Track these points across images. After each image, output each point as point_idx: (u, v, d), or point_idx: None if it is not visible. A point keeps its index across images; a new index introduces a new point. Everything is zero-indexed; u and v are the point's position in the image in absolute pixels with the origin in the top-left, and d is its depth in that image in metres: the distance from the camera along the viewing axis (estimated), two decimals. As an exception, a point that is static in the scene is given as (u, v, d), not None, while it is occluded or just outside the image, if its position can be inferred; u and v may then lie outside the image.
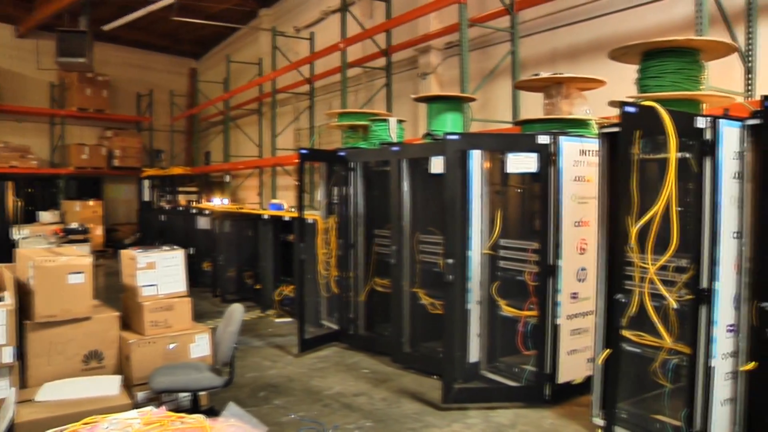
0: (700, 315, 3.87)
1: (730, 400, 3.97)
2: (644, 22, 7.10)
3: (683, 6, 6.44)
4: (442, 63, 10.22)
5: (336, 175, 7.50)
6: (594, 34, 7.72)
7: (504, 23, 8.42)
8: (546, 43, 8.45)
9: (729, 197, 3.83)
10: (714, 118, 3.84)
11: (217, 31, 16.80)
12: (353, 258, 7.09)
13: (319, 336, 7.22)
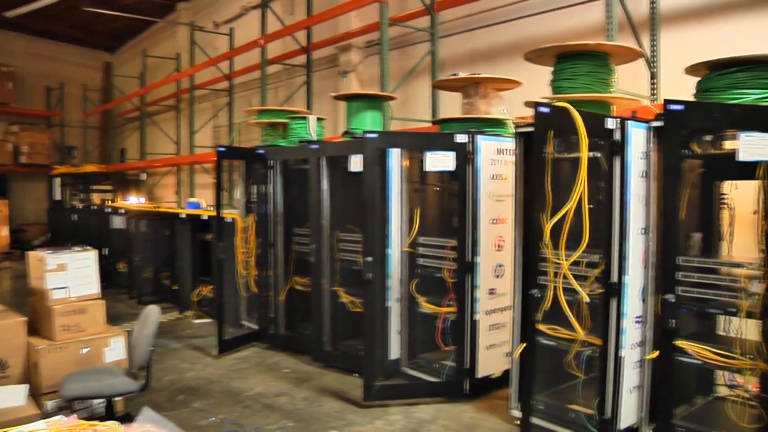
0: (610, 308, 4.03)
1: (638, 388, 4.16)
2: (559, 26, 7.33)
3: (595, 12, 6.68)
4: (363, 61, 10.25)
5: (255, 173, 7.39)
6: (512, 36, 7.91)
7: (424, 23, 8.51)
8: (465, 44, 8.59)
9: (636, 195, 4.01)
10: (623, 120, 4.01)
11: (133, 23, 16.26)
12: (273, 257, 7.01)
13: (238, 336, 7.11)
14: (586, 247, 3.96)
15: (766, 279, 3.58)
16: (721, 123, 3.79)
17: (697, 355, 3.86)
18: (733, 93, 3.81)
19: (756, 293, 3.66)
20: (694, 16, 6.52)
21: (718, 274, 3.94)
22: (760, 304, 3.63)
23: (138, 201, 12.76)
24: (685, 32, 6.48)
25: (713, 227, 4.56)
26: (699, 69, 4.04)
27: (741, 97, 3.77)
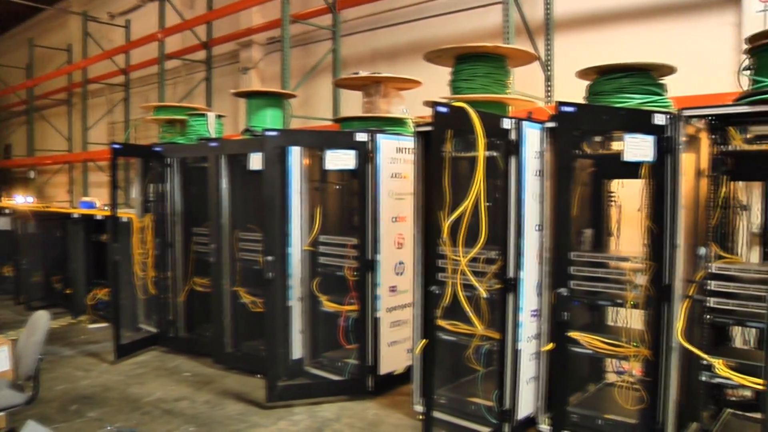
0: (507, 302, 4.16)
1: (534, 379, 4.33)
2: (459, 28, 7.49)
3: (494, 16, 6.87)
4: (264, 58, 10.12)
5: (152, 171, 7.14)
6: (413, 37, 8.02)
7: (326, 21, 8.50)
8: (367, 43, 8.64)
9: (531, 193, 4.16)
10: (518, 120, 4.14)
11: (17, 9, 15.26)
12: (171, 257, 6.79)
13: (136, 340, 6.85)
14: (483, 243, 4.06)
15: (649, 271, 3.80)
16: (608, 125, 4.00)
17: (588, 345, 4.06)
18: (619, 97, 4.02)
19: (640, 285, 3.88)
20: (586, 24, 6.85)
21: (607, 267, 4.15)
22: (644, 295, 3.85)
23: (26, 200, 12.04)
24: (578, 38, 6.79)
25: (603, 223, 4.80)
26: (589, 73, 4.23)
27: (626, 101, 3.98)
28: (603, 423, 4.17)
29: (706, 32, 6.20)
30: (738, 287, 3.74)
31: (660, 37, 6.35)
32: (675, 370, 3.76)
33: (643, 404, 3.88)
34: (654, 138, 3.68)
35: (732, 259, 4.09)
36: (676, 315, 3.72)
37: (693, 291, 3.83)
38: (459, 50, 4.57)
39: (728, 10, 6.12)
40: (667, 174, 3.69)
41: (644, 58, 4.03)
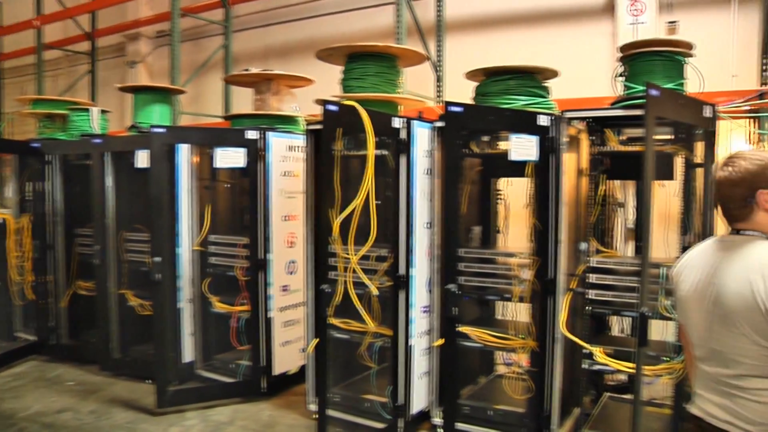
0: (399, 299, 4.21)
1: (426, 373, 4.40)
2: (353, 27, 7.51)
3: (386, 16, 6.93)
4: (153, 52, 9.76)
5: (30, 168, 6.70)
6: (306, 34, 7.97)
7: (218, 16, 8.30)
8: (260, 40, 8.51)
9: (421, 191, 4.23)
10: (408, 120, 4.20)
11: None
12: (52, 260, 6.41)
13: (13, 350, 6.40)
14: (374, 241, 4.09)
15: (534, 266, 3.95)
16: (495, 125, 4.12)
17: (478, 339, 4.17)
18: (505, 98, 4.16)
19: (526, 279, 4.03)
20: (476, 27, 7.05)
21: (495, 263, 4.29)
22: (530, 289, 4.00)
23: None
24: (468, 40, 6.97)
25: (491, 221, 4.95)
26: (477, 75, 4.34)
27: (512, 102, 4.13)
28: (493, 413, 4.31)
29: (587, 40, 6.55)
30: (615, 279, 3.97)
31: (545, 42, 6.64)
32: (559, 359, 3.93)
33: (531, 393, 4.03)
34: (538, 138, 3.82)
35: (610, 253, 4.32)
36: (559, 307, 3.89)
37: (575, 284, 4.02)
38: (350, 49, 4.58)
39: (605, 21, 6.51)
40: (550, 173, 3.84)
41: (530, 61, 4.19)
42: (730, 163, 2.06)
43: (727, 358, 2.04)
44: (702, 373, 2.17)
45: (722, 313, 2.03)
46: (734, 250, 2.07)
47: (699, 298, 2.13)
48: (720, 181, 2.08)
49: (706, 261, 2.15)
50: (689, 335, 2.25)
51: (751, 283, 1.94)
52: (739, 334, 1.98)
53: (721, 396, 2.07)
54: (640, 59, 4.02)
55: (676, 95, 3.74)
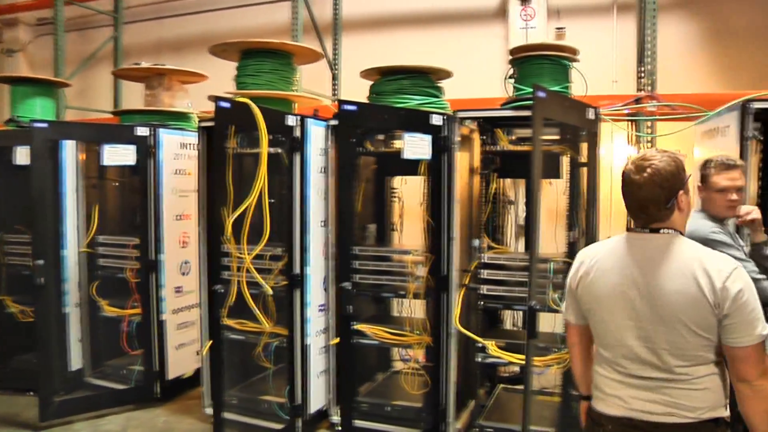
0: (294, 298, 4.17)
1: (324, 372, 4.39)
2: (249, 23, 7.39)
3: (283, 13, 6.87)
4: (34, 41, 9.20)
5: None
6: (201, 29, 7.77)
7: (107, 5, 7.96)
8: (152, 32, 8.22)
9: (316, 190, 4.21)
10: (303, 118, 4.16)
11: None
12: None
13: None
14: (269, 240, 4.03)
15: (428, 263, 4.02)
16: (389, 124, 4.16)
17: (374, 336, 4.20)
18: (399, 97, 4.21)
19: (421, 276, 4.09)
20: (373, 26, 7.10)
21: (390, 261, 4.33)
22: (424, 286, 4.07)
23: None
24: (365, 39, 7.02)
25: (386, 218, 4.99)
26: (372, 74, 4.37)
27: (406, 102, 4.18)
28: (391, 409, 4.36)
29: (481, 42, 6.74)
30: (506, 275, 4.10)
31: (440, 43, 6.78)
32: (454, 354, 4.02)
33: (427, 388, 4.10)
34: (431, 137, 3.89)
35: (501, 250, 4.46)
36: (453, 303, 3.98)
37: (468, 280, 4.12)
38: (245, 45, 4.49)
39: (498, 24, 6.73)
40: (443, 171, 3.92)
41: (425, 62, 4.26)
42: (647, 166, 2.04)
43: (663, 353, 2.02)
44: (618, 373, 2.12)
45: (661, 313, 2.01)
46: (659, 250, 2.06)
47: (620, 300, 2.08)
48: (640, 184, 2.05)
49: (623, 261, 2.10)
50: (600, 337, 2.18)
51: (696, 279, 1.97)
52: (681, 329, 1.99)
53: (652, 391, 2.04)
54: (529, 62, 4.16)
55: (562, 98, 3.90)
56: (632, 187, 2.07)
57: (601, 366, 2.19)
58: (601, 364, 2.19)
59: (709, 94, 5.08)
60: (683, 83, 5.81)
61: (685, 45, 6.58)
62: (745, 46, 5.56)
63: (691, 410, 2.02)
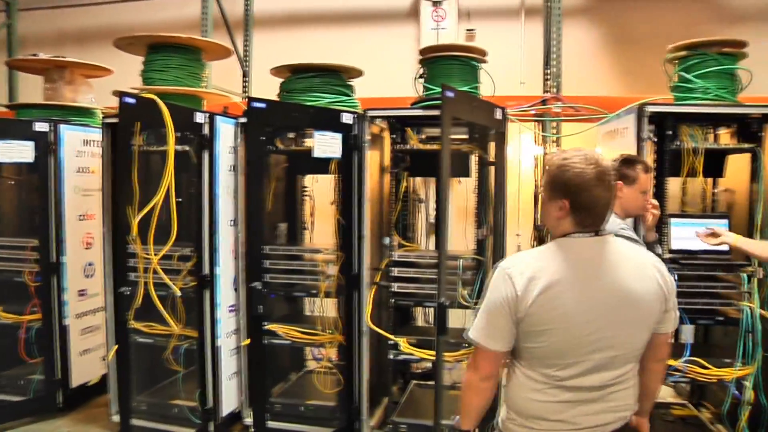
0: (204, 299, 4.09)
1: (236, 374, 4.34)
2: (158, 17, 7.19)
3: (193, 7, 6.71)
4: None
5: None
6: (106, 21, 7.49)
7: (-1, -10, 7.53)
8: (52, 22, 7.85)
9: (225, 188, 4.14)
10: (212, 115, 4.09)
11: None
12: None
13: None
14: (177, 240, 3.93)
15: (339, 262, 4.03)
16: (299, 122, 4.14)
17: (286, 336, 4.18)
18: (310, 95, 4.20)
19: (332, 275, 4.10)
20: (285, 23, 7.05)
21: (302, 260, 4.32)
22: (336, 284, 4.08)
23: None
24: (277, 36, 6.95)
25: (297, 217, 4.97)
26: (283, 71, 4.34)
27: (317, 100, 4.17)
28: (305, 409, 4.36)
29: (393, 41, 6.83)
30: (417, 272, 4.16)
31: (353, 41, 6.81)
32: (366, 351, 4.05)
33: (341, 386, 4.13)
34: (342, 136, 3.91)
35: (412, 247, 4.52)
36: (365, 301, 4.01)
37: (379, 278, 4.15)
38: (152, 39, 4.37)
39: (410, 25, 6.83)
40: (353, 170, 3.94)
41: (338, 60, 4.27)
42: (603, 169, 1.95)
43: (620, 357, 1.99)
44: (569, 392, 1.98)
45: (631, 316, 1.97)
46: (615, 252, 2.01)
47: (590, 310, 1.93)
48: (603, 186, 1.95)
49: (587, 270, 1.97)
50: (555, 357, 1.97)
51: (654, 276, 2.00)
52: (643, 329, 2.01)
53: (602, 401, 1.99)
54: (438, 63, 4.24)
55: (471, 98, 3.99)
56: (593, 189, 1.94)
57: (544, 392, 1.99)
58: (543, 390, 1.99)
59: (611, 97, 5.32)
60: (587, 86, 6.05)
61: (589, 50, 6.87)
62: (644, 53, 5.84)
63: (630, 408, 2.07)
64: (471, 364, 2.12)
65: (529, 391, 2.01)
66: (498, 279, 1.99)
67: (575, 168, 1.94)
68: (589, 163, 1.94)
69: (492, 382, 2.08)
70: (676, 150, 3.99)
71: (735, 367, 3.83)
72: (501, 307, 1.96)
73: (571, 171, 1.94)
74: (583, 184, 1.93)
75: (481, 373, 2.05)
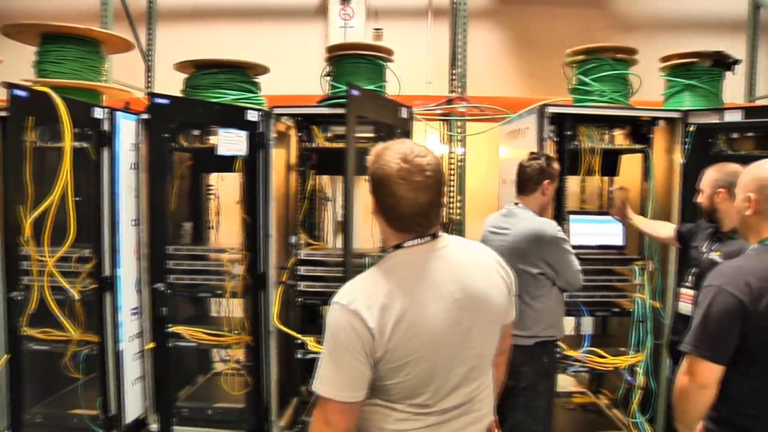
0: (105, 302, 3.94)
1: (140, 378, 4.19)
2: (54, 4, 6.87)
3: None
4: None
5: None
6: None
7: None
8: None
9: (127, 187, 3.99)
10: (112, 110, 3.94)
11: None
12: None
13: None
14: (75, 241, 3.75)
15: (245, 261, 3.97)
16: (204, 119, 4.06)
17: (192, 338, 4.08)
18: (215, 92, 4.13)
19: (238, 275, 4.04)
20: (191, 17, 6.88)
21: (207, 260, 4.24)
22: (242, 284, 4.02)
23: None
24: (182, 30, 6.78)
25: (203, 216, 4.87)
26: (187, 67, 4.24)
27: (222, 96, 4.10)
28: (213, 412, 4.28)
29: (301, 39, 6.80)
30: (324, 270, 4.16)
31: (260, 38, 6.74)
32: (274, 352, 4.02)
33: (249, 388, 4.07)
34: (247, 133, 3.86)
35: (319, 246, 4.52)
36: (271, 300, 3.98)
37: (286, 277, 4.13)
38: (46, 28, 4.14)
39: (318, 22, 6.83)
40: (259, 168, 3.90)
41: (246, 56, 4.21)
42: (425, 164, 1.73)
43: (483, 365, 1.87)
44: (435, 416, 1.78)
45: (489, 317, 1.83)
46: (458, 254, 1.84)
47: (446, 328, 1.73)
48: (428, 185, 1.73)
49: (426, 285, 1.74)
50: (419, 387, 1.75)
51: (498, 271, 1.90)
52: (500, 327, 1.92)
53: (466, 415, 1.83)
54: (345, 61, 4.26)
55: (376, 96, 4.03)
56: (406, 190, 1.70)
57: (407, 421, 1.77)
58: (407, 419, 1.77)
59: (514, 97, 5.48)
60: (492, 87, 6.23)
61: (494, 51, 7.07)
62: (546, 56, 6.05)
63: (491, 413, 1.97)
64: (318, 422, 1.73)
65: (393, 423, 1.78)
66: (341, 319, 1.68)
67: (381, 160, 1.73)
68: (396, 156, 1.72)
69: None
70: (575, 149, 4.18)
71: (628, 355, 4.05)
72: (352, 353, 1.66)
73: (377, 164, 1.74)
74: (384, 179, 1.71)
75: (337, 429, 1.71)
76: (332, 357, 1.70)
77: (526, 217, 3.35)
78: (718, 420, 2.16)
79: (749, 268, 2.10)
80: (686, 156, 4.00)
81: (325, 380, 1.70)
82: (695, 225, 3.59)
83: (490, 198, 5.03)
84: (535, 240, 3.25)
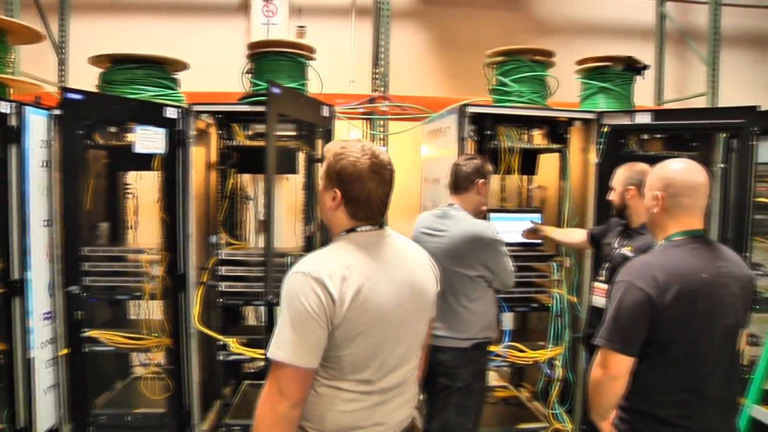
0: (14, 307, 3.74)
1: (54, 387, 4.01)
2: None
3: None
4: None
5: None
6: None
7: None
8: None
9: (37, 185, 3.81)
10: (20, 105, 3.75)
11: None
12: None
13: None
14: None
15: (164, 262, 3.88)
16: (120, 115, 3.92)
17: (109, 342, 3.97)
18: (132, 88, 4.01)
19: (157, 276, 3.94)
20: (108, 10, 6.66)
21: (125, 261, 4.11)
22: (161, 286, 3.93)
23: None
24: (98, 23, 6.56)
25: (120, 216, 4.72)
26: (103, 61, 4.10)
27: (139, 93, 3.99)
28: (132, 418, 4.18)
29: (223, 35, 6.70)
30: (245, 270, 4.11)
31: (181, 33, 6.59)
32: (195, 354, 3.95)
33: (170, 392, 3.98)
34: (165, 131, 3.77)
35: (240, 246, 4.46)
36: (192, 302, 3.91)
37: (206, 277, 4.06)
38: (-55, 17, 3.93)
39: (240, 18, 6.75)
40: (178, 166, 3.82)
41: (166, 52, 4.11)
42: (386, 160, 1.97)
43: (414, 349, 2.07)
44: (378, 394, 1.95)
45: (423, 304, 2.06)
46: (396, 245, 2.04)
47: (393, 306, 1.91)
48: (385, 180, 1.97)
49: (378, 266, 1.93)
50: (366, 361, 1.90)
51: (429, 265, 2.15)
52: (430, 316, 2.14)
53: (398, 397, 2.02)
54: (266, 58, 4.22)
55: (298, 94, 4.01)
56: (366, 181, 1.91)
57: (355, 401, 1.92)
58: (355, 399, 1.91)
59: (436, 97, 5.57)
60: (414, 86, 6.29)
61: (417, 52, 7.16)
62: (467, 57, 6.17)
63: (416, 400, 2.15)
64: (272, 392, 1.84)
65: (340, 403, 1.90)
66: (305, 286, 1.79)
67: (350, 157, 1.90)
68: (365, 153, 1.90)
69: (300, 410, 1.87)
70: (495, 149, 4.27)
71: (547, 349, 4.18)
72: (315, 318, 1.78)
73: (345, 160, 1.90)
74: (356, 174, 1.89)
75: (291, 399, 1.81)
76: (293, 323, 1.79)
77: (462, 218, 3.33)
78: (629, 409, 2.27)
79: (656, 264, 2.21)
80: (601, 155, 4.16)
81: (284, 345, 1.79)
82: (606, 225, 3.75)
83: (411, 197, 5.09)
84: (474, 242, 3.24)
